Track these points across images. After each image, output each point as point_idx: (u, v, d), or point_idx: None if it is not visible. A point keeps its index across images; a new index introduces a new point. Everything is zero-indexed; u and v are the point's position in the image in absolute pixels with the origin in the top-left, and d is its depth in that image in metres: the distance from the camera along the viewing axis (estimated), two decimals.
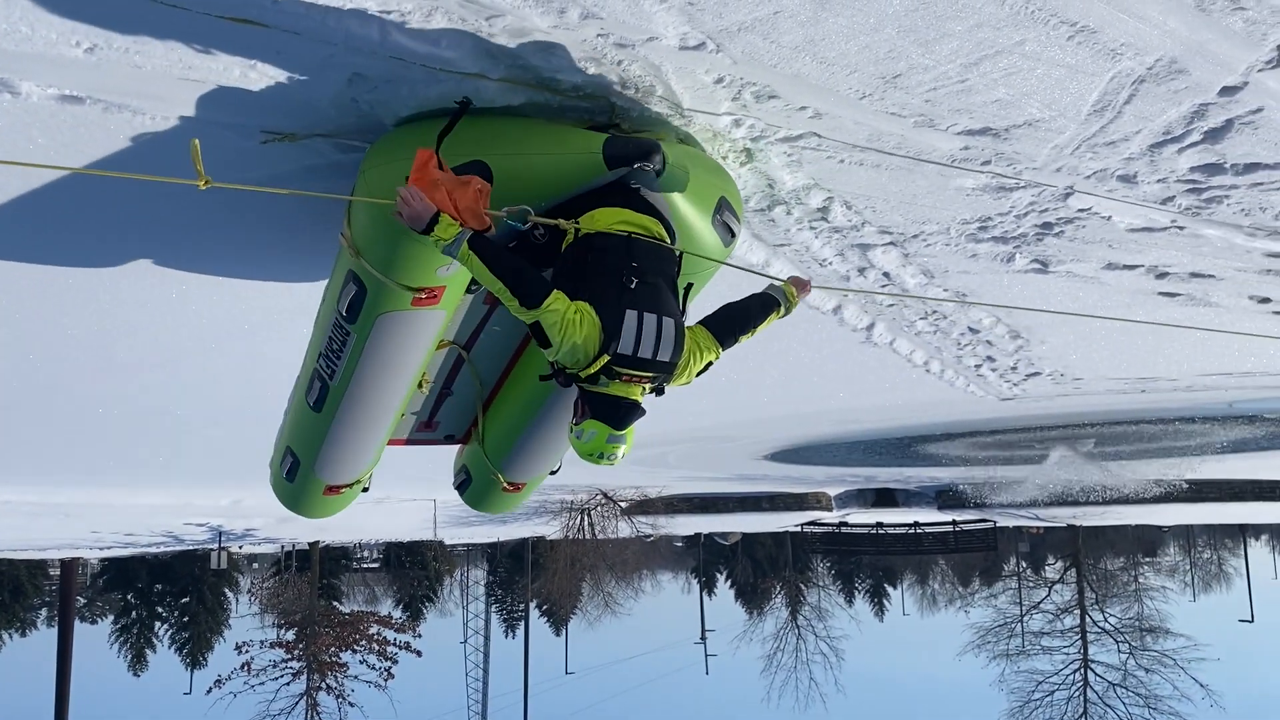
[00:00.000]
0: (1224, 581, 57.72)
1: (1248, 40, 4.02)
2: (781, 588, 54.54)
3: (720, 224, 4.29)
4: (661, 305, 3.78)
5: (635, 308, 3.68)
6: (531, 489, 6.14)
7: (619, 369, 3.70)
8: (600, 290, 3.72)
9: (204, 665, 46.76)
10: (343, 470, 5.39)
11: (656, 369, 3.75)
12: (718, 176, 4.40)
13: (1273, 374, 10.58)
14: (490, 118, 4.13)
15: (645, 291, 3.75)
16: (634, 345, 3.67)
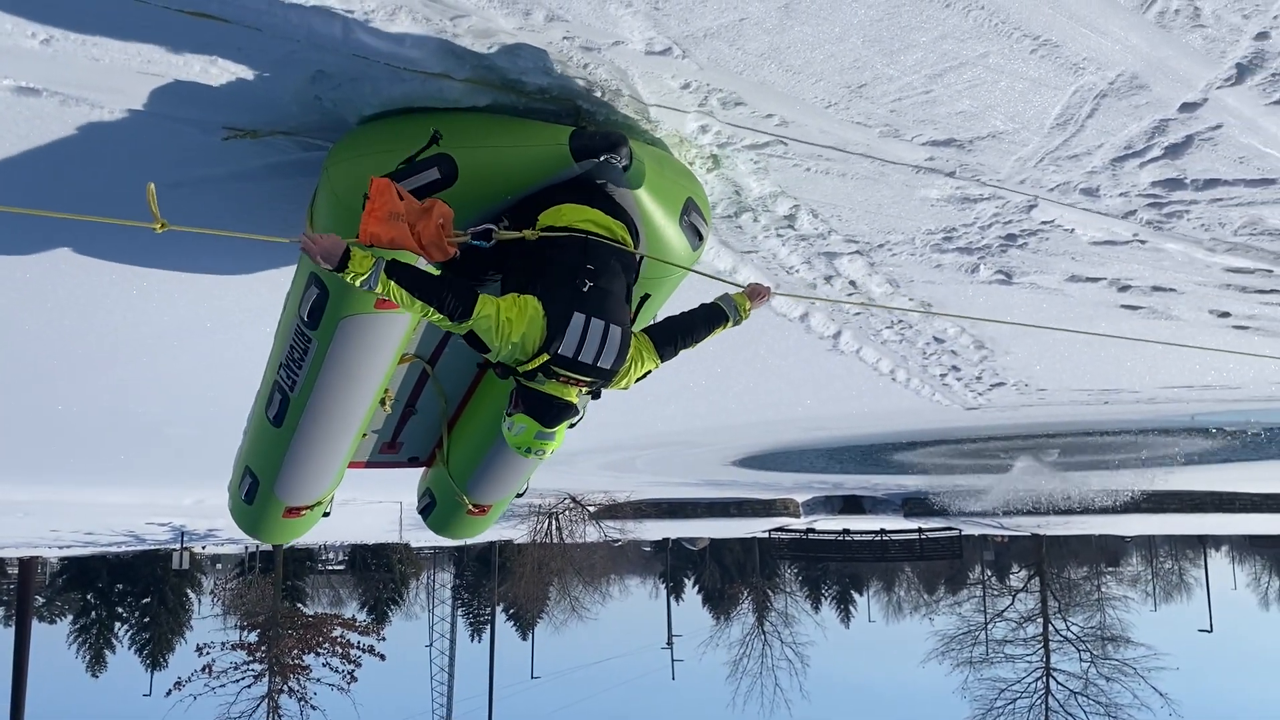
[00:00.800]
0: (1184, 592, 58.44)
1: (1207, 58, 4.06)
2: (749, 593, 54.63)
3: (688, 226, 4.25)
4: (611, 311, 3.74)
5: (584, 311, 3.64)
6: (498, 512, 6.05)
7: (557, 369, 3.67)
8: (552, 288, 3.69)
9: (164, 667, 46.10)
10: (303, 491, 5.29)
11: (595, 374, 3.72)
12: (685, 178, 4.38)
13: (1232, 387, 10.72)
14: (455, 112, 4.09)
15: (597, 296, 3.71)
16: (576, 349, 3.63)
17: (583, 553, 37.88)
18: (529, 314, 3.62)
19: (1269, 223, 5.75)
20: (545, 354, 3.63)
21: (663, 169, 4.19)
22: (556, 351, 3.63)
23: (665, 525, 38.03)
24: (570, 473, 24.68)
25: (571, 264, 3.74)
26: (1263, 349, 8.81)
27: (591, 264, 3.76)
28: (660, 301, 4.60)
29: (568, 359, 3.64)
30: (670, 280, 4.53)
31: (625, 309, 3.89)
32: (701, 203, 4.35)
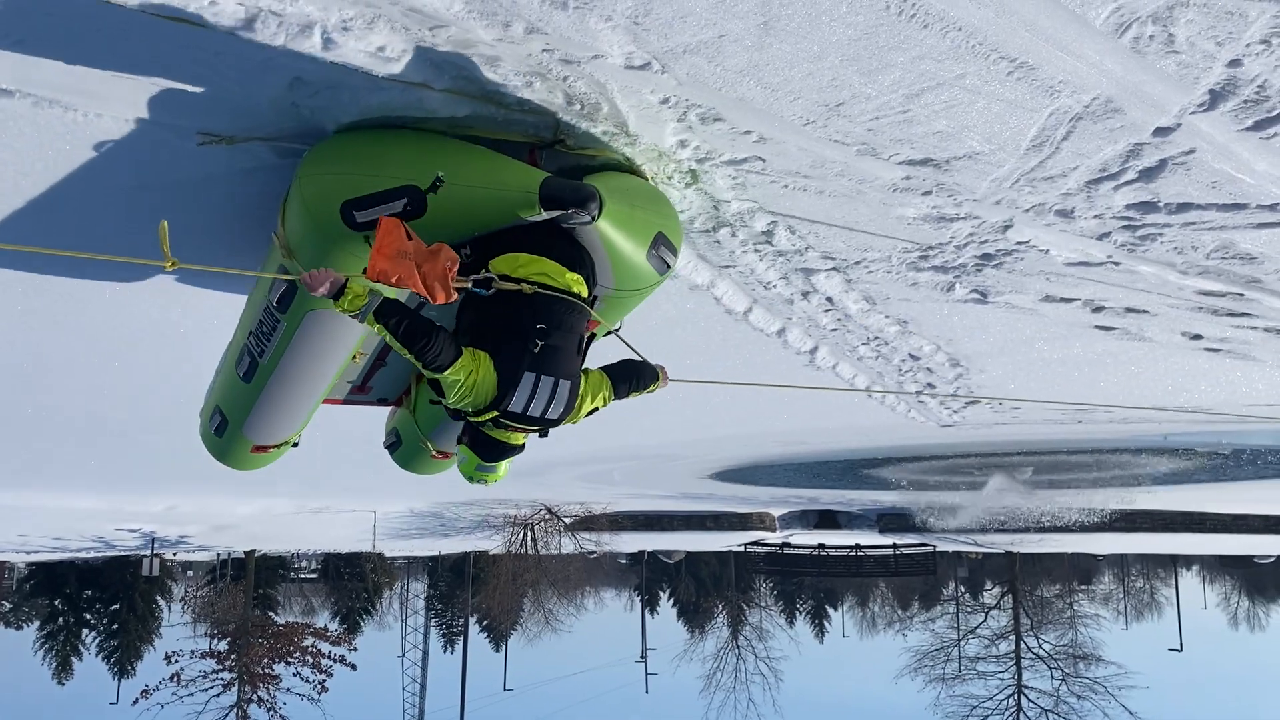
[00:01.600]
0: (1155, 611, 58.80)
1: (1180, 83, 4.11)
2: (724, 607, 54.59)
3: (655, 257, 4.35)
4: (561, 367, 3.88)
5: (535, 370, 3.81)
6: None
7: (506, 422, 3.90)
8: (504, 346, 3.83)
9: (132, 675, 45.56)
10: (271, 434, 5.44)
11: (543, 424, 3.96)
12: (657, 212, 4.42)
13: (1204, 409, 10.81)
14: (429, 137, 4.09)
15: (547, 353, 3.84)
16: (525, 404, 3.83)
17: (558, 564, 37.75)
18: (483, 371, 3.79)
19: (1240, 247, 5.81)
20: (495, 410, 3.83)
21: (634, 209, 4.24)
22: (506, 408, 3.82)
23: (641, 537, 37.98)
24: (546, 484, 24.61)
25: (523, 323, 3.85)
26: (1233, 371, 8.91)
27: (543, 322, 3.87)
28: (635, 305, 4.71)
29: (516, 414, 3.85)
30: (634, 297, 4.64)
31: (575, 360, 4.03)
32: (673, 233, 4.43)
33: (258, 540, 37.54)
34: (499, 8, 3.60)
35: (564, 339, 3.91)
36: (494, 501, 29.58)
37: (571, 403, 3.96)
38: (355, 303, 3.60)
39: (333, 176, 3.88)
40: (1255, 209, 5.25)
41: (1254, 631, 62.64)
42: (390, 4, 3.56)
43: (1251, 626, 62.49)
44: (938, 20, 3.75)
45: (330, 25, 3.61)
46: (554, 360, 3.85)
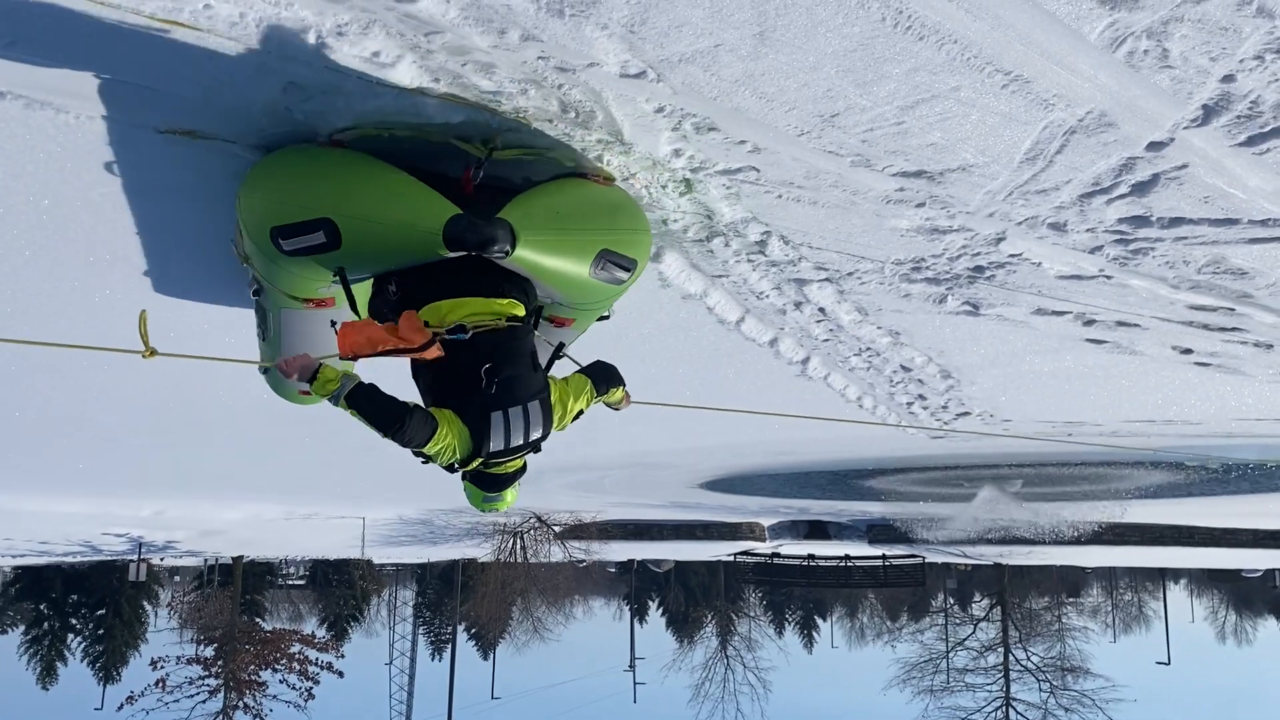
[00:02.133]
0: (1143, 624, 58.94)
1: (1174, 98, 4.12)
2: (713, 617, 54.53)
3: (602, 274, 4.26)
4: (522, 392, 3.90)
5: (499, 408, 3.82)
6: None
7: (496, 460, 3.94)
8: (461, 398, 3.86)
9: (117, 680, 45.27)
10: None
11: (530, 447, 3.98)
12: (600, 227, 4.29)
13: (1194, 423, 10.84)
14: (356, 163, 4.03)
15: (504, 388, 3.85)
16: (505, 440, 3.85)
17: (547, 573, 37.67)
18: (456, 429, 3.83)
19: (1231, 262, 5.83)
20: (480, 458, 3.88)
21: (563, 233, 4.11)
22: (488, 452, 3.86)
23: (631, 546, 37.93)
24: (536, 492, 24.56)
25: (471, 369, 3.85)
26: (1223, 386, 8.94)
27: (489, 360, 3.85)
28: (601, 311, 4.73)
29: (500, 451, 3.88)
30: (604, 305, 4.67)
31: (535, 377, 4.02)
32: (624, 246, 4.31)
33: (246, 546, 37.40)
34: (495, 14, 3.59)
35: (515, 365, 3.93)
36: None
37: (547, 416, 3.98)
38: (328, 387, 3.71)
39: (262, 200, 3.95)
40: (1247, 224, 5.26)
41: (1241, 645, 62.87)
42: (386, 10, 3.55)
43: (1239, 640, 62.73)
44: (933, 33, 3.76)
45: (325, 30, 3.60)
46: (513, 390, 3.87)
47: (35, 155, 4.48)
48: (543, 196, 4.20)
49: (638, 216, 4.54)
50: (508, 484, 4.17)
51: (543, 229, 4.02)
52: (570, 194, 4.34)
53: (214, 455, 14.80)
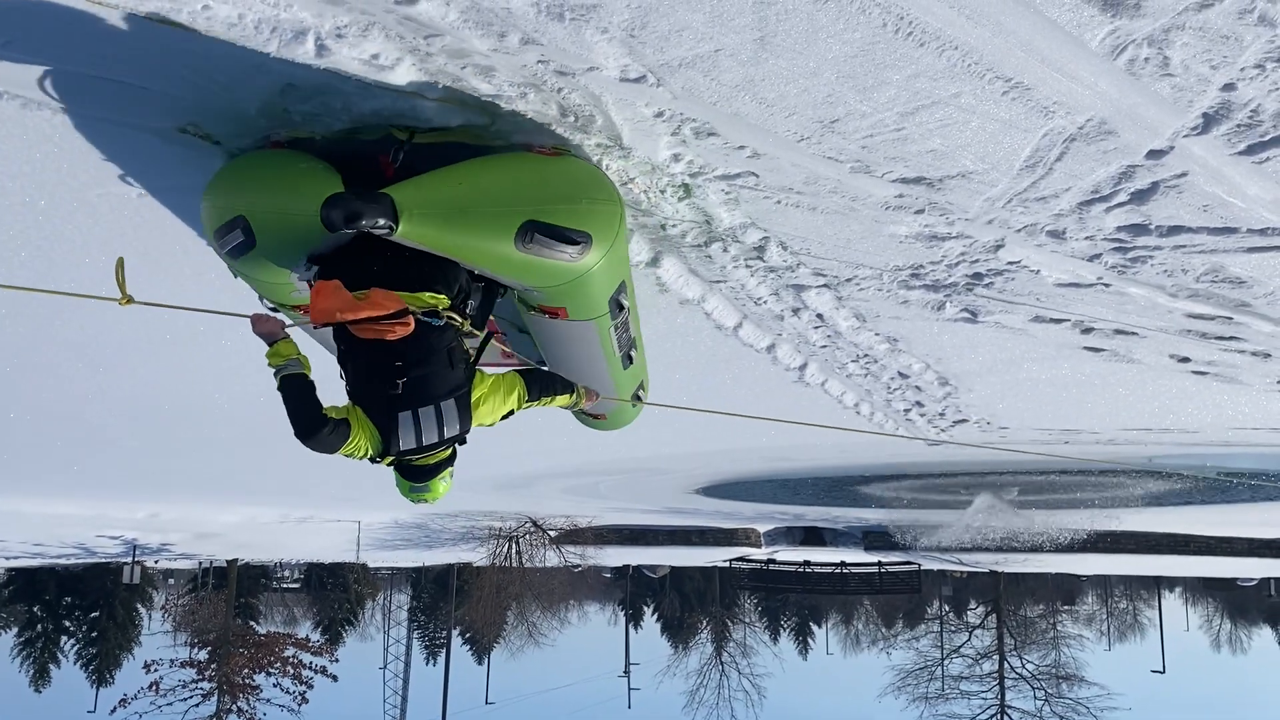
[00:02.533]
0: (1138, 632, 58.86)
1: (1174, 106, 4.12)
2: (708, 623, 54.45)
3: (533, 247, 3.88)
4: (435, 390, 3.83)
5: (408, 408, 3.78)
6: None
7: (409, 459, 3.94)
8: (369, 397, 3.83)
9: (110, 683, 45.17)
10: None
11: (445, 444, 3.94)
12: (518, 201, 3.93)
13: (1190, 431, 10.84)
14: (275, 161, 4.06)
15: (413, 388, 3.80)
16: (415, 439, 3.82)
17: (542, 577, 37.57)
18: (366, 429, 3.82)
19: (1230, 271, 5.82)
20: (391, 456, 3.87)
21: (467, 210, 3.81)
22: (398, 451, 3.84)
23: (626, 552, 37.89)
24: (531, 496, 24.53)
25: (380, 369, 3.81)
26: (1220, 394, 8.93)
27: (399, 359, 3.78)
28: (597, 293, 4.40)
29: (412, 449, 3.85)
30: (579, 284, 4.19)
31: (451, 371, 3.90)
32: (557, 216, 3.92)
33: (241, 549, 37.31)
34: (495, 18, 3.58)
35: (427, 364, 3.83)
36: (479, 513, 29.47)
37: (464, 414, 3.91)
38: (273, 360, 3.80)
39: (205, 206, 4.05)
40: (1246, 233, 5.26)
41: (1236, 654, 62.81)
42: (385, 12, 3.53)
43: (1234, 649, 62.66)
44: (934, 39, 3.75)
45: (324, 32, 3.58)
46: (423, 390, 3.82)
47: (32, 155, 4.47)
48: (451, 171, 3.93)
49: (589, 186, 4.14)
50: (432, 475, 4.11)
51: (439, 203, 3.79)
52: (490, 166, 4.05)
53: (209, 458, 14.77)
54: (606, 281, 4.35)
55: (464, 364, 3.98)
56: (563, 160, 4.22)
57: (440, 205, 3.77)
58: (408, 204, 3.67)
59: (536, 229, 3.85)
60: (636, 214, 5.20)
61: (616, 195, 4.15)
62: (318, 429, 3.73)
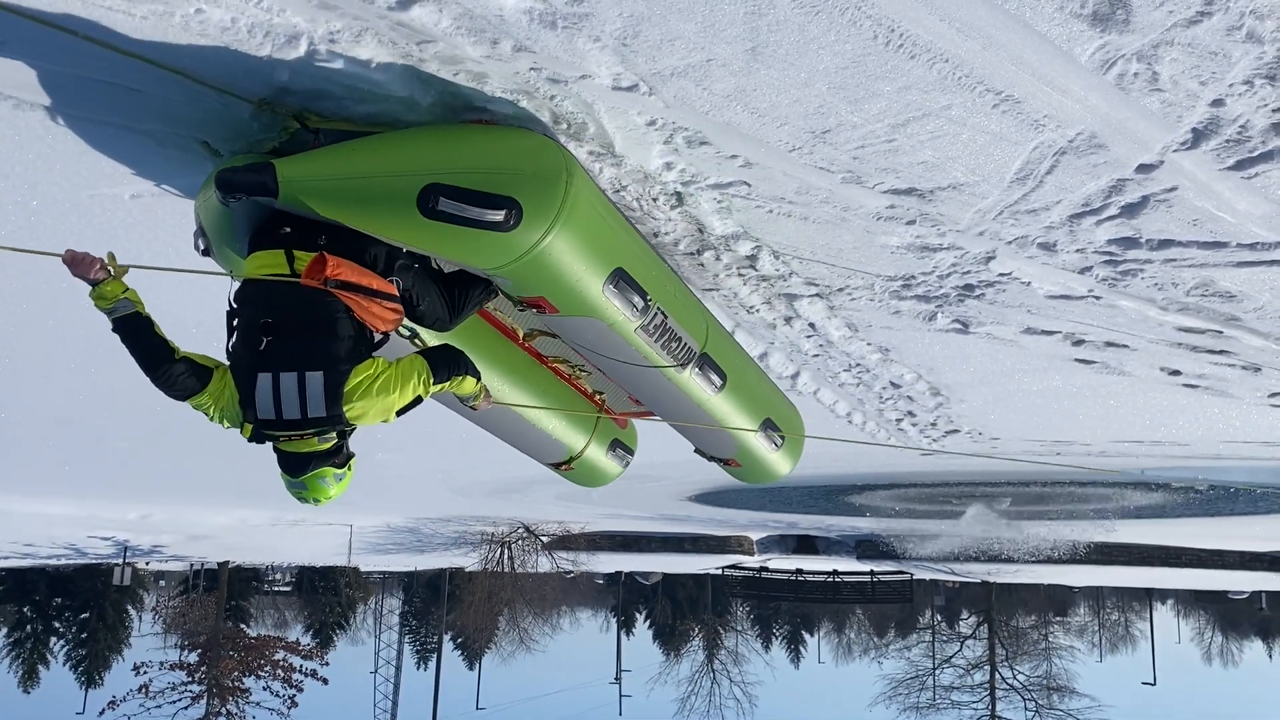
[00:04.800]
0: (1130, 643, 58.89)
1: (1164, 121, 4.14)
2: (700, 630, 54.41)
3: (440, 212, 3.59)
4: (302, 359, 3.49)
5: (268, 370, 3.47)
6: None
7: (270, 433, 3.57)
8: (236, 354, 3.58)
9: (99, 685, 45.01)
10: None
11: (312, 425, 3.53)
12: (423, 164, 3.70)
13: (1181, 444, 10.87)
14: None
15: (280, 349, 3.50)
16: (274, 409, 3.48)
17: (534, 583, 37.56)
18: (228, 388, 3.53)
19: (1220, 285, 5.85)
20: (248, 424, 3.53)
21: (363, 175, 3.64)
22: (256, 419, 3.50)
23: (619, 558, 37.88)
24: (524, 502, 24.48)
25: (250, 323, 3.57)
26: (1211, 408, 8.96)
27: (269, 315, 3.54)
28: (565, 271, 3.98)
29: (270, 421, 3.51)
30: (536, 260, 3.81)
31: (334, 345, 3.56)
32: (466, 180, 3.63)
33: (232, 551, 37.23)
34: (487, 25, 3.59)
35: (306, 330, 3.53)
36: (472, 518, 29.43)
37: (332, 396, 3.49)
38: (99, 303, 3.48)
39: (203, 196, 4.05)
40: (1235, 247, 5.28)
41: (1227, 667, 62.85)
42: (378, 18, 3.54)
43: (1224, 662, 62.71)
44: (925, 51, 3.77)
45: (317, 37, 3.59)
46: (289, 353, 3.49)
47: (24, 156, 4.47)
48: (355, 141, 3.80)
49: (522, 153, 3.82)
50: (304, 466, 3.71)
51: (329, 170, 3.65)
52: (400, 135, 3.88)
53: (202, 459, 14.74)
54: (580, 265, 3.96)
55: (354, 342, 3.61)
56: (496, 129, 3.99)
57: (330, 172, 3.64)
58: (291, 173, 3.58)
59: (441, 192, 3.57)
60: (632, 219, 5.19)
61: (562, 166, 3.78)
62: (163, 363, 3.50)
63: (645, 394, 5.29)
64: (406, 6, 3.48)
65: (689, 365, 4.85)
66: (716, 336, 5.18)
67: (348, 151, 3.75)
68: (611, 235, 4.13)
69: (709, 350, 4.98)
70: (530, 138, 3.94)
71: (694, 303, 5.09)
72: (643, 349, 4.54)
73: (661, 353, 4.63)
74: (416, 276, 4.01)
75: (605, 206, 4.15)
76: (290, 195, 3.57)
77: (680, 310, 4.68)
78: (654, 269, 4.50)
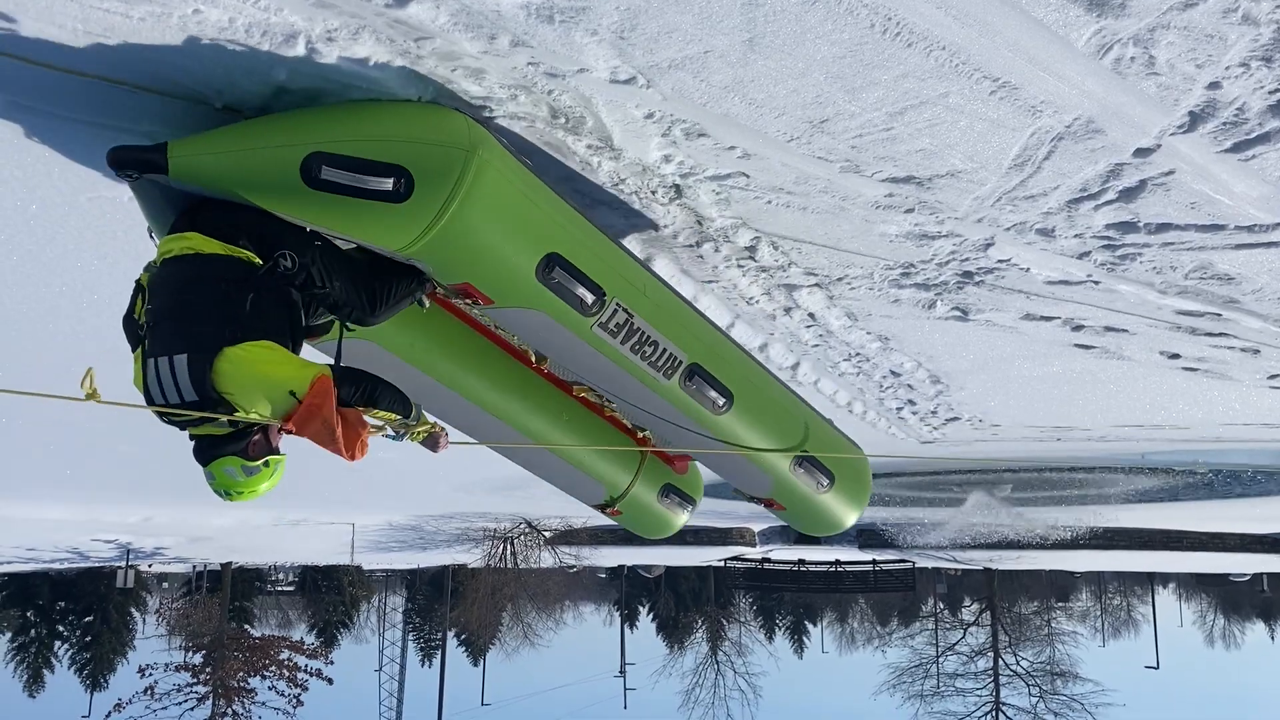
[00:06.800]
0: (1132, 628, 59.06)
1: (1161, 105, 4.15)
2: (703, 622, 54.50)
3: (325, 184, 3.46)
4: (170, 342, 3.43)
5: (152, 355, 3.45)
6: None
7: (164, 418, 3.51)
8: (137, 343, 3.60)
9: (105, 688, 45.08)
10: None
11: (189, 408, 3.39)
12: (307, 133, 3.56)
13: (1182, 428, 10.89)
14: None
15: (161, 333, 3.47)
16: (157, 393, 3.43)
17: (537, 578, 37.60)
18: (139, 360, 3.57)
19: (1218, 267, 5.86)
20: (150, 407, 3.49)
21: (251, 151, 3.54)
22: (152, 403, 3.47)
23: (621, 552, 37.92)
24: (526, 497, 24.50)
25: (141, 310, 3.59)
26: (1210, 391, 8.98)
27: (152, 301, 3.54)
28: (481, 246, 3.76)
29: (158, 405, 3.45)
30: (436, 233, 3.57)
31: (205, 329, 3.42)
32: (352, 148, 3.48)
33: (235, 552, 37.26)
34: (485, 20, 3.59)
35: (179, 310, 3.46)
36: (474, 515, 29.45)
37: (199, 378, 3.35)
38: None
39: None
40: (1233, 230, 5.29)
41: (1229, 649, 63.08)
42: (375, 15, 3.54)
43: (1227, 644, 62.93)
44: (921, 39, 3.77)
45: (315, 36, 3.59)
46: (166, 338, 3.43)
47: (23, 160, 4.47)
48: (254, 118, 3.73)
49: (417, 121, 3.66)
50: (203, 454, 3.59)
51: (218, 145, 3.56)
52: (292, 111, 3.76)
53: None
54: (501, 246, 3.75)
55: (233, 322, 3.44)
56: (400, 103, 3.80)
57: (217, 149, 3.55)
58: (183, 150, 3.51)
59: (324, 160, 3.43)
60: (627, 214, 5.20)
61: (465, 135, 3.60)
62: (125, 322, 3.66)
63: (638, 413, 5.02)
64: (404, 3, 3.48)
65: (675, 376, 4.56)
66: (716, 349, 4.87)
67: (243, 127, 3.66)
68: (539, 217, 3.89)
69: (702, 362, 4.67)
70: (432, 110, 3.76)
71: (681, 311, 4.75)
72: (607, 350, 4.30)
73: (632, 356, 4.37)
74: (320, 254, 3.75)
75: (532, 186, 3.89)
76: (181, 171, 3.51)
77: (656, 314, 4.43)
78: (611, 263, 4.23)
